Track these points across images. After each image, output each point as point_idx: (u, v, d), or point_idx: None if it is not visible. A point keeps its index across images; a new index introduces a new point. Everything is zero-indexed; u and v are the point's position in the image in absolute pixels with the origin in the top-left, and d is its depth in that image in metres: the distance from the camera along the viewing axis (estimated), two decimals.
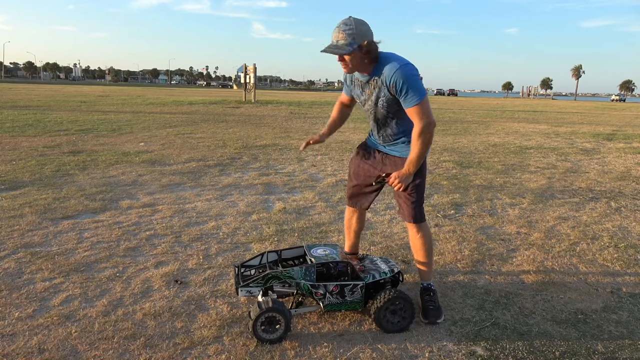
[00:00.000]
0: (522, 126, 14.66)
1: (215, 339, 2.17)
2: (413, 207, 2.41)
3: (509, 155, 8.09)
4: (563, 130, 13.38)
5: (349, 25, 2.07)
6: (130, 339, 2.16)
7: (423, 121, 2.16)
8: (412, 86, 2.13)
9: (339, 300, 2.28)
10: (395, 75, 2.14)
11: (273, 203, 4.52)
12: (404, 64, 2.15)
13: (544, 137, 11.48)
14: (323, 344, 2.15)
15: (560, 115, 22.56)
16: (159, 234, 3.57)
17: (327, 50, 2.12)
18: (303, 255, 2.51)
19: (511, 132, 12.57)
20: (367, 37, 2.11)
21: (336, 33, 2.09)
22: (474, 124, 14.97)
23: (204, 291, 2.65)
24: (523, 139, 10.76)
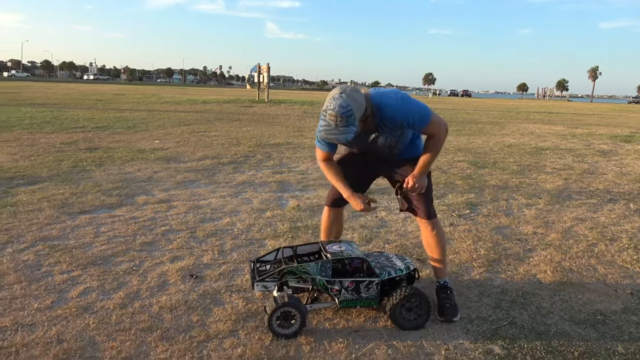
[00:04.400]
0: (538, 127, 14.50)
1: (231, 333, 2.18)
2: (427, 204, 2.41)
3: (524, 155, 8.00)
4: (579, 132, 13.19)
5: (345, 107, 1.97)
6: (147, 331, 2.18)
7: (439, 129, 2.19)
8: (415, 113, 2.13)
9: (354, 296, 2.27)
10: (397, 118, 2.13)
11: (287, 200, 4.52)
12: (396, 103, 2.12)
13: (560, 138, 11.34)
14: (338, 339, 2.14)
15: (577, 116, 22.26)
16: (175, 229, 3.59)
17: (334, 140, 2.06)
18: (318, 251, 2.51)
19: (526, 133, 12.43)
20: (363, 105, 2.05)
21: (334, 117, 1.98)
22: (489, 124, 14.83)
23: (219, 286, 2.66)
24: (539, 140, 10.63)
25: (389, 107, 2.11)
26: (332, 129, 2.02)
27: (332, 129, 2.02)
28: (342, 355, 2.03)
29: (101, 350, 2.02)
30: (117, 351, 2.02)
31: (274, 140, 8.85)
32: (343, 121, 1.99)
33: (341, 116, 1.97)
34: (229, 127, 10.96)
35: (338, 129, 2.01)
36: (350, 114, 1.98)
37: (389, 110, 2.11)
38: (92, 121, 11.03)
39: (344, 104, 1.97)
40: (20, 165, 5.70)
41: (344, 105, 1.97)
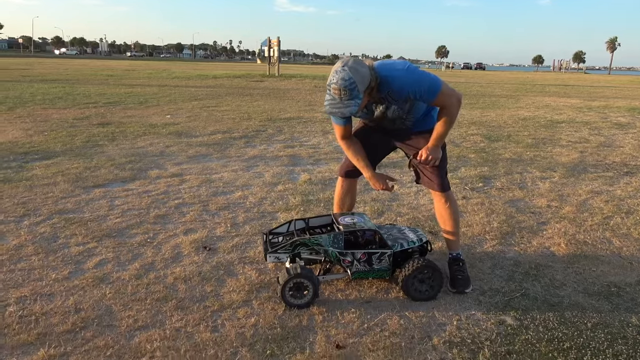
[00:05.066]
0: (553, 100, 14.21)
1: (245, 303, 2.21)
2: (441, 176, 2.39)
3: (539, 129, 7.87)
4: (596, 105, 12.90)
5: (348, 80, 1.93)
6: (162, 300, 2.22)
7: (451, 101, 2.13)
8: (423, 85, 2.07)
9: (366, 268, 2.28)
10: (404, 90, 2.08)
11: (298, 174, 4.52)
12: (403, 74, 2.06)
13: (575, 111, 11.11)
14: (350, 310, 2.16)
15: (593, 89, 21.75)
16: (187, 202, 3.62)
17: (339, 114, 2.01)
18: (331, 223, 2.51)
19: (541, 106, 12.20)
20: (367, 77, 1.99)
21: (337, 90, 1.95)
22: (503, 97, 14.57)
23: (232, 257, 2.69)
24: (554, 113, 10.43)
25: (395, 79, 2.06)
26: (336, 102, 1.99)
27: (336, 102, 1.99)
28: (354, 325, 2.05)
29: (118, 319, 2.06)
30: (134, 320, 2.06)
31: (285, 114, 8.81)
32: (347, 94, 1.95)
33: (344, 89, 1.94)
34: (239, 101, 10.91)
35: (342, 102, 1.98)
36: (354, 86, 1.93)
37: (395, 82, 2.06)
38: (104, 96, 11.05)
39: (346, 76, 1.93)
40: (34, 140, 5.76)
41: (347, 78, 1.93)
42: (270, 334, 1.97)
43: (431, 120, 2.32)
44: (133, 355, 1.83)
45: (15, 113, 8.04)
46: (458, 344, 1.94)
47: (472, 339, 1.98)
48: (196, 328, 2.01)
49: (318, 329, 2.02)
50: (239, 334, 1.97)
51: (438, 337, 1.98)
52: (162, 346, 1.88)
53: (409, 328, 2.04)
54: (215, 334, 1.97)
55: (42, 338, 1.92)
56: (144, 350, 1.85)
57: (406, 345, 1.92)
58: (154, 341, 1.91)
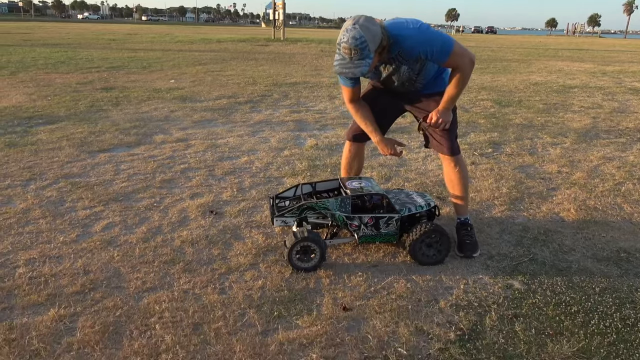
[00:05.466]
0: (566, 65, 13.89)
1: (252, 266, 2.23)
2: (451, 140, 2.35)
3: (551, 94, 7.72)
4: (610, 69, 12.61)
5: (359, 39, 1.87)
6: (169, 263, 2.24)
7: (464, 62, 2.06)
8: (435, 44, 1.99)
9: (373, 232, 2.28)
10: (415, 49, 2.01)
11: (305, 139, 4.49)
12: (415, 33, 1.99)
13: (589, 76, 10.87)
14: (357, 273, 2.18)
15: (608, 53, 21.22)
16: (193, 167, 3.61)
17: (349, 74, 1.96)
18: (337, 187, 2.50)
19: (554, 70, 11.94)
20: (378, 35, 1.92)
21: (348, 50, 1.89)
22: (514, 62, 14.26)
23: (239, 222, 2.69)
24: (567, 78, 10.22)
25: (406, 38, 1.99)
26: (346, 62, 1.93)
27: (346, 62, 1.93)
28: (361, 288, 2.06)
29: (126, 281, 2.09)
30: (142, 282, 2.08)
31: (290, 79, 8.69)
32: (357, 54, 1.89)
33: (355, 48, 1.88)
34: (244, 66, 10.76)
35: (353, 62, 1.92)
36: (365, 45, 1.88)
37: (406, 41, 1.99)
38: (107, 61, 10.93)
39: (357, 35, 1.87)
40: (38, 105, 5.73)
41: (358, 37, 1.87)
42: (277, 296, 1.99)
43: (442, 83, 2.27)
44: (142, 315, 1.86)
45: (17, 77, 7.98)
46: (465, 307, 1.95)
47: (479, 302, 1.99)
48: (204, 290, 2.03)
49: (325, 291, 2.04)
50: (246, 296, 1.99)
51: (445, 300, 2.00)
52: (171, 307, 1.91)
53: (415, 291, 2.05)
54: (223, 296, 1.99)
55: (52, 299, 1.95)
56: (152, 311, 1.88)
57: (413, 307, 1.94)
58: (163, 302, 1.94)
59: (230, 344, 1.71)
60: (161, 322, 1.82)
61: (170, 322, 1.82)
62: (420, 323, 1.84)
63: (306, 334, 1.77)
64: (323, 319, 1.85)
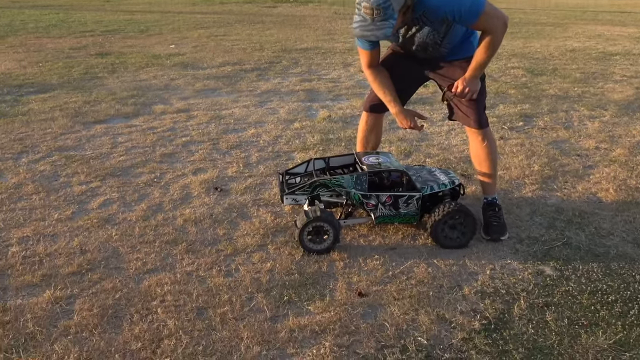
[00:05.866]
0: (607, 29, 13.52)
1: (259, 247, 2.24)
2: (478, 111, 2.31)
3: (589, 62, 7.54)
4: None
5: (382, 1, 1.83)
6: (171, 243, 2.26)
7: (495, 25, 2.00)
8: (463, 5, 1.94)
9: (392, 212, 2.27)
10: (441, 10, 1.95)
11: (317, 111, 4.46)
12: None
13: (633, 41, 10.58)
14: (374, 256, 2.17)
15: None
16: (196, 140, 3.62)
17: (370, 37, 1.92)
18: (353, 163, 2.48)
19: (593, 35, 11.64)
20: None
21: (369, 10, 1.85)
22: (549, 26, 13.92)
23: (246, 199, 2.70)
24: (607, 44, 9.96)
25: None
26: (367, 24, 1.89)
27: (367, 24, 1.89)
28: (377, 272, 2.06)
29: (126, 262, 2.11)
30: (142, 262, 2.11)
31: (301, 44, 8.59)
32: (380, 14, 1.84)
33: (378, 8, 1.84)
34: (250, 30, 10.65)
35: (375, 24, 1.87)
36: (388, 5, 1.84)
37: (432, 1, 1.95)
38: (101, 24, 10.88)
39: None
40: (28, 72, 5.75)
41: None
42: (287, 280, 2.00)
43: (470, 47, 2.21)
44: (143, 298, 1.88)
45: (6, 42, 7.99)
46: (491, 294, 1.94)
47: (507, 289, 1.98)
48: (208, 272, 2.05)
49: (339, 275, 2.05)
50: (254, 280, 2.00)
51: (469, 286, 1.99)
52: (173, 290, 1.93)
53: (437, 277, 2.05)
54: (229, 279, 2.01)
55: (47, 279, 1.98)
56: (154, 294, 1.90)
57: (434, 294, 1.94)
58: (165, 285, 1.96)
59: (237, 330, 1.73)
60: (163, 306, 1.84)
61: (172, 306, 1.84)
62: (442, 311, 1.84)
63: (318, 321, 1.78)
64: (337, 305, 1.86)
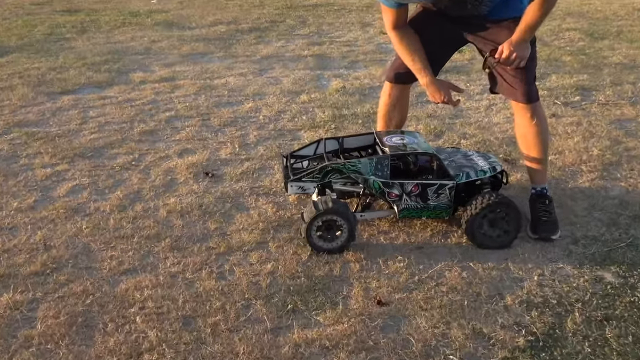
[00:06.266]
0: None
1: (259, 245, 2.24)
2: (526, 82, 2.29)
3: None
4: None
5: None
6: (153, 239, 2.27)
7: None
8: None
9: (419, 204, 2.26)
10: None
11: (328, 80, 4.45)
12: None
13: None
14: (397, 257, 2.17)
15: None
16: (182, 115, 3.63)
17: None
18: (373, 144, 2.47)
19: None
20: None
21: None
22: None
23: (242, 187, 2.70)
24: None
25: None
26: None
27: None
28: (401, 277, 2.06)
29: (98, 261, 2.13)
30: (118, 262, 2.12)
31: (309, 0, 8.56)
32: None
33: None
34: None
35: None
36: None
37: None
38: None
39: None
40: None
41: None
42: (292, 285, 2.00)
43: (517, 5, 2.18)
44: (119, 304, 1.89)
45: None
46: (539, 305, 1.93)
47: (559, 299, 1.97)
48: (197, 274, 2.06)
49: (354, 280, 2.05)
50: (252, 284, 2.01)
51: (512, 295, 1.98)
52: (155, 295, 1.94)
53: (473, 283, 2.04)
54: (222, 282, 2.01)
55: (4, 280, 2.00)
56: (132, 300, 1.91)
57: (469, 304, 1.93)
58: (145, 289, 1.97)
59: (231, 344, 1.74)
60: (143, 314, 1.85)
61: (154, 314, 1.85)
62: (479, 324, 1.84)
63: (329, 334, 1.78)
64: (351, 315, 1.86)
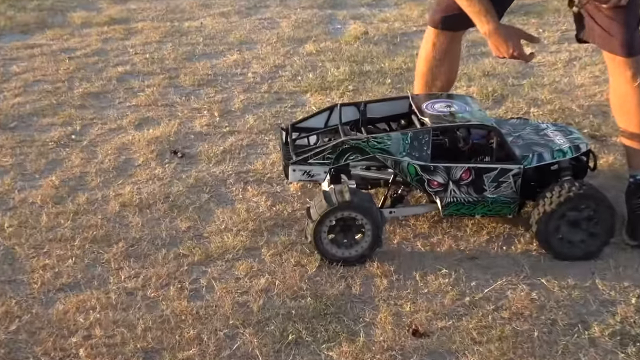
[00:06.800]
0: None
1: (248, 252, 2.25)
2: (628, 28, 2.29)
3: None
4: None
5: None
6: (101, 243, 2.28)
7: None
8: None
9: (471, 197, 2.26)
10: None
11: (344, 24, 4.44)
12: None
13: None
14: (440, 271, 2.17)
15: None
16: (140, 71, 3.64)
17: None
18: (407, 113, 2.47)
19: None
20: None
21: None
22: None
23: (224, 172, 2.71)
24: None
25: None
26: None
27: None
28: (445, 298, 2.06)
29: (26, 272, 2.14)
30: (54, 273, 2.13)
31: None
32: None
33: None
34: None
35: None
36: None
37: None
38: None
39: None
40: None
41: None
42: (294, 307, 2.00)
43: None
44: (56, 332, 1.90)
45: None
46: (638, 339, 1.93)
47: None
48: (163, 292, 2.06)
49: (380, 301, 2.05)
50: (238, 306, 2.01)
51: (601, 324, 1.98)
52: (105, 320, 1.94)
53: (546, 307, 2.04)
54: (197, 304, 2.02)
55: None
56: (73, 326, 1.92)
57: (541, 336, 1.93)
58: (91, 311, 1.97)
59: None
60: (89, 346, 1.85)
61: (104, 346, 1.85)
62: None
63: None
64: (377, 351, 1.86)
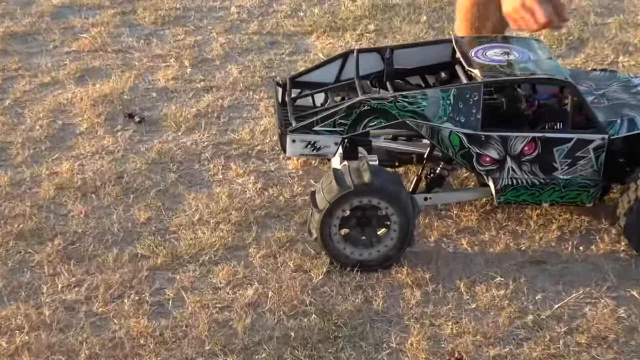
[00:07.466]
0: None
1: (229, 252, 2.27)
2: None
3: None
4: None
5: None
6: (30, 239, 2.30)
7: None
8: None
9: (537, 178, 2.27)
10: None
11: None
12: None
13: None
14: (493, 279, 2.19)
15: None
16: (83, 4, 3.68)
17: None
18: (449, 62, 2.49)
19: None
20: None
21: None
22: None
23: (198, 142, 2.73)
24: None
25: None
26: None
27: None
28: (500, 317, 2.07)
29: None
30: None
31: None
32: None
33: None
34: None
35: None
36: None
37: None
38: None
39: None
40: None
41: None
42: (293, 327, 2.02)
43: None
44: None
45: None
46: None
47: None
48: (115, 306, 2.08)
49: (411, 320, 2.06)
50: (217, 325, 2.03)
51: None
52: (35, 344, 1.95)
53: (638, 329, 2.06)
54: (161, 322, 2.03)
55: None
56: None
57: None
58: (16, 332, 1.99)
59: None
60: None
61: None
62: None
63: None
64: None
